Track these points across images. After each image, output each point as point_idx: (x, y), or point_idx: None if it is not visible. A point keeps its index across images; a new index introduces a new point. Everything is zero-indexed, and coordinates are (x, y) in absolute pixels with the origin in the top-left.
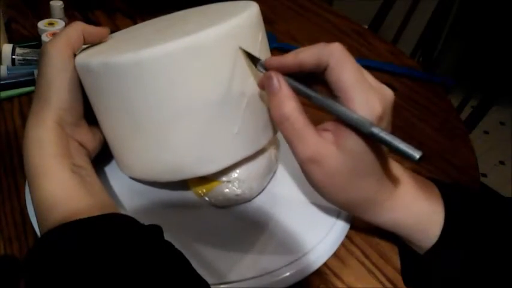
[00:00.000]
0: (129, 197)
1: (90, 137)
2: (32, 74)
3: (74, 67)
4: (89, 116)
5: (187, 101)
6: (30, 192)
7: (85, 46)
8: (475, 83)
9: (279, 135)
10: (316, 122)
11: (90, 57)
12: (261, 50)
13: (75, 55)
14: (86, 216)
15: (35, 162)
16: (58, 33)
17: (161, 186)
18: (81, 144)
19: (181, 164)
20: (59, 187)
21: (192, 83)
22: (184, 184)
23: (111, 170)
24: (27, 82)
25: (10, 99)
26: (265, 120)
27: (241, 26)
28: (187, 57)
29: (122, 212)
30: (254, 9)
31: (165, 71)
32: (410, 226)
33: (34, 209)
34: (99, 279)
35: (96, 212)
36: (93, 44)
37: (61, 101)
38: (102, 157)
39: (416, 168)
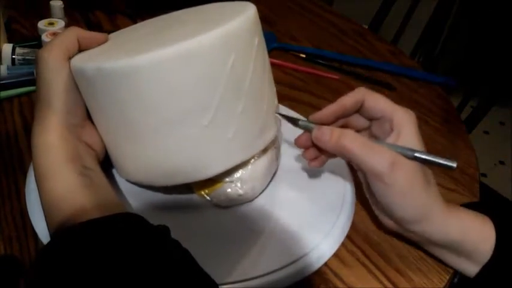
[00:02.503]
0: (131, 197)
1: (97, 138)
2: (32, 73)
3: (70, 70)
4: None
5: (181, 107)
6: (40, 196)
7: None
8: (475, 83)
9: (279, 134)
10: None
11: (84, 62)
12: (257, 54)
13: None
14: (92, 215)
15: (43, 167)
16: (53, 38)
17: (163, 187)
18: (88, 146)
19: (176, 169)
20: (67, 189)
21: (186, 88)
22: (186, 184)
23: (113, 170)
24: (27, 82)
25: (10, 99)
26: (262, 124)
27: (236, 31)
28: (181, 63)
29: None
30: (251, 12)
31: (159, 77)
32: (461, 240)
33: (43, 210)
34: (110, 276)
35: (103, 212)
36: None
37: (62, 103)
38: (105, 158)
39: None
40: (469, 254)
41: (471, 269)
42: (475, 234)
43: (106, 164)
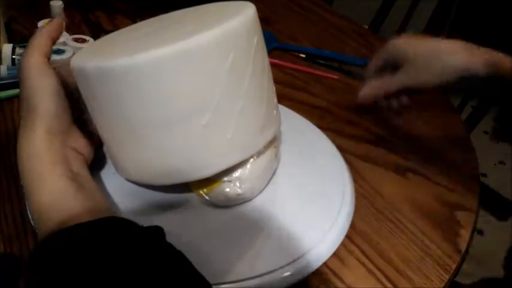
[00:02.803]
0: (130, 197)
1: (84, 143)
2: None
3: (53, 73)
4: (80, 121)
5: (180, 106)
6: (28, 203)
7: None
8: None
9: (278, 134)
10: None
11: (85, 61)
12: (256, 53)
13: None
14: (83, 220)
15: (31, 174)
16: (28, 45)
17: (162, 186)
18: (76, 151)
19: (175, 168)
20: (56, 195)
21: (185, 87)
22: (185, 184)
23: (111, 169)
24: None
25: (10, 99)
26: (262, 124)
27: (235, 30)
28: (180, 62)
29: (121, 215)
30: (250, 11)
31: (158, 75)
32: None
33: (32, 217)
34: (98, 280)
35: (93, 216)
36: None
37: (47, 109)
38: (103, 158)
39: (416, 168)
40: None
41: None
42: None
43: (101, 164)
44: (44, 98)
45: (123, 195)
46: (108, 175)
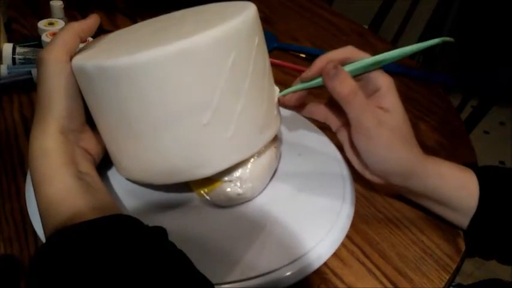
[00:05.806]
0: (130, 197)
1: (94, 143)
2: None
3: (72, 72)
4: (92, 121)
5: (180, 105)
6: (36, 200)
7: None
8: (475, 83)
9: (279, 134)
10: None
11: (85, 60)
12: (257, 54)
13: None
14: (88, 217)
15: (40, 172)
16: (53, 39)
17: (162, 185)
18: (86, 151)
19: (175, 167)
20: (64, 192)
21: (185, 86)
22: (185, 183)
23: (112, 170)
24: (27, 81)
25: (10, 98)
26: (262, 124)
27: (236, 30)
28: (181, 61)
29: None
30: (251, 12)
31: (159, 74)
32: (439, 186)
33: (40, 214)
34: (103, 280)
35: (99, 215)
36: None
37: (62, 109)
38: (103, 157)
39: None
40: (451, 202)
41: (461, 220)
42: (453, 179)
43: (102, 164)
44: (60, 98)
45: (123, 195)
46: (109, 174)
